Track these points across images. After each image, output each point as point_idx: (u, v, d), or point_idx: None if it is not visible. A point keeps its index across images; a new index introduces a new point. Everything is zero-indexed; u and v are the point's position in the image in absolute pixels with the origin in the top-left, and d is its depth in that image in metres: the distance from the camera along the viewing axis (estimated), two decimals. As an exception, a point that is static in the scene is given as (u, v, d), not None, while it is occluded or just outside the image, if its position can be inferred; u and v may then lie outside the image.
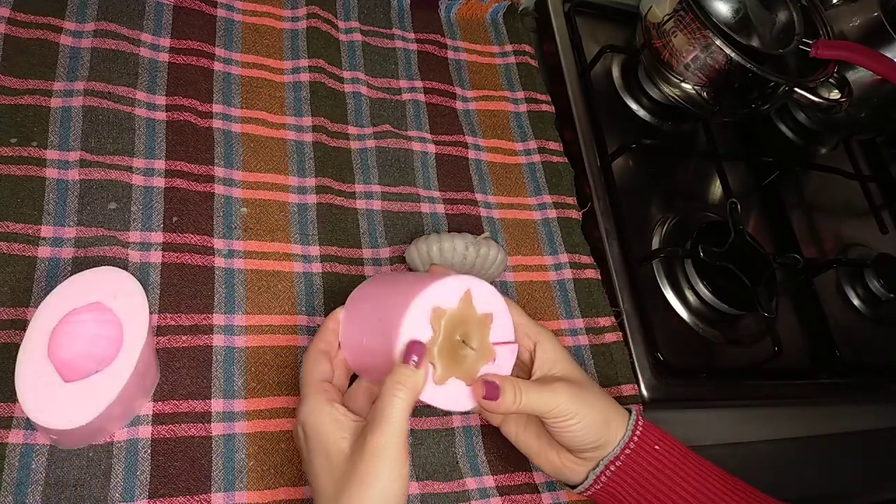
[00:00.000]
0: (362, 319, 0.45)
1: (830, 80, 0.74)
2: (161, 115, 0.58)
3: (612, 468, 0.46)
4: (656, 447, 0.46)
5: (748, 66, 0.67)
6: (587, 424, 0.45)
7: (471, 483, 0.52)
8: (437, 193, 0.64)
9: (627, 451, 0.46)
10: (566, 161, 0.71)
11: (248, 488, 0.47)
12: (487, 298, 0.45)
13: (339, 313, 0.46)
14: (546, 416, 0.45)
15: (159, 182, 0.55)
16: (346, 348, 0.46)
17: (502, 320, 0.45)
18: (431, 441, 0.53)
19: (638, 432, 0.46)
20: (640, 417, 0.48)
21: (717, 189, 0.80)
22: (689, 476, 0.46)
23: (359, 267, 0.58)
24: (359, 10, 0.72)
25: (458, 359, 0.43)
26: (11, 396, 0.44)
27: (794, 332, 0.74)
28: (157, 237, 0.53)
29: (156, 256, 0.52)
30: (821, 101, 0.71)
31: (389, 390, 0.39)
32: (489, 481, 0.52)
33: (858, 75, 0.78)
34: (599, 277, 0.65)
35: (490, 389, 0.43)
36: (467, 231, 0.61)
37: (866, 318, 0.78)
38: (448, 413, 0.54)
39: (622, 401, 0.59)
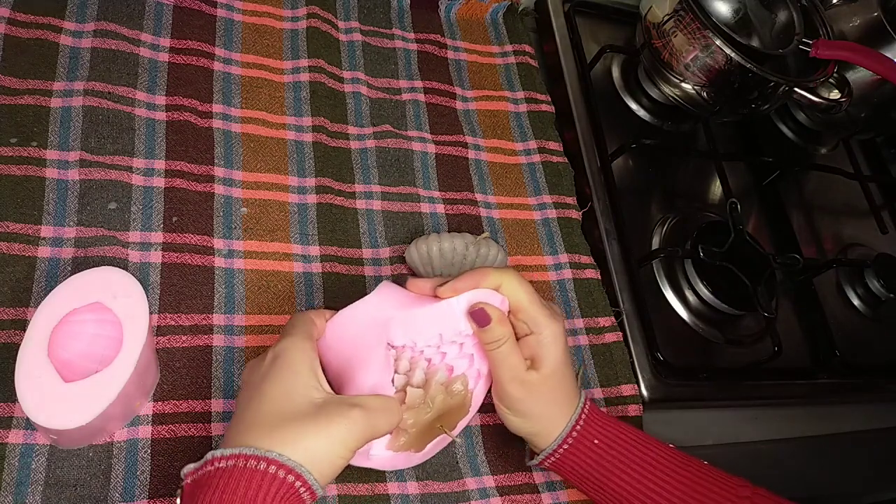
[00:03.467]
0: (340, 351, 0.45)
1: (830, 80, 0.74)
2: (161, 115, 0.58)
3: (551, 460, 0.48)
4: (595, 441, 0.47)
5: (748, 66, 0.67)
6: (518, 426, 0.48)
7: (471, 483, 0.52)
8: (437, 193, 0.64)
9: (564, 448, 0.47)
10: (566, 161, 0.71)
11: (248, 488, 0.47)
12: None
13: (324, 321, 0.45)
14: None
15: (159, 182, 0.55)
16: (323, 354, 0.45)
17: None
18: (431, 441, 0.53)
19: (574, 433, 0.47)
20: (584, 412, 0.48)
21: (717, 189, 0.80)
22: (630, 465, 0.47)
23: (359, 267, 0.58)
24: (359, 10, 0.72)
25: (427, 434, 0.46)
26: (11, 396, 0.44)
27: (794, 332, 0.74)
28: (157, 237, 0.53)
29: (156, 256, 0.52)
30: (821, 101, 0.71)
31: (377, 399, 0.41)
32: (489, 481, 0.52)
33: (858, 75, 0.78)
34: (599, 277, 0.65)
35: None
36: (467, 231, 0.61)
37: (866, 318, 0.78)
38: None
39: (622, 400, 0.59)
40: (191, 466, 0.36)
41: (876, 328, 0.78)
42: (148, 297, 0.48)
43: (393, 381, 0.44)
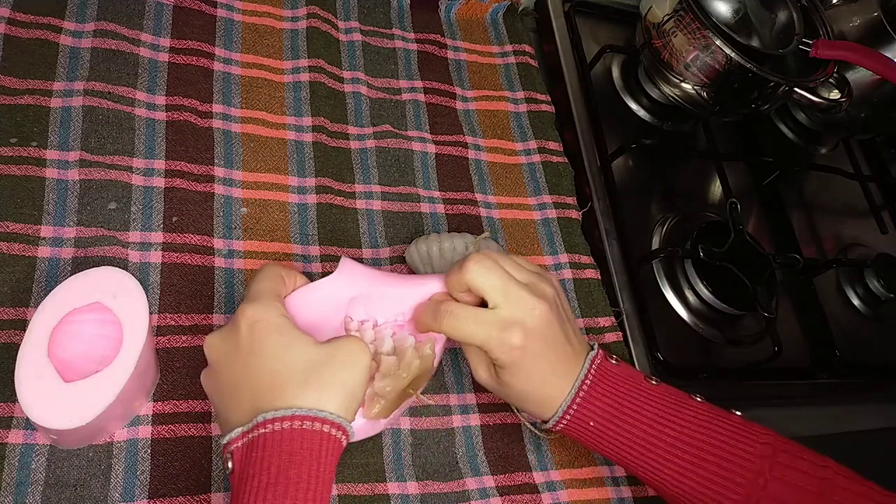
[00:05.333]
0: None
1: (830, 80, 0.74)
2: (161, 115, 0.58)
3: (561, 424, 0.46)
4: (591, 423, 0.45)
5: (748, 66, 0.67)
6: (513, 402, 0.48)
7: (471, 483, 0.52)
8: (437, 193, 0.64)
9: (562, 424, 0.46)
10: (566, 161, 0.71)
11: (248, 488, 0.47)
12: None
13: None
14: None
15: (159, 182, 0.55)
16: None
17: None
18: (431, 441, 0.53)
19: (571, 411, 0.45)
20: (591, 373, 0.46)
21: (717, 189, 0.80)
22: (642, 420, 0.45)
23: (359, 267, 0.58)
24: (359, 10, 0.71)
25: (398, 400, 0.46)
26: (11, 396, 0.44)
27: (794, 332, 0.74)
28: (157, 237, 0.53)
29: (156, 256, 0.52)
30: (821, 101, 0.71)
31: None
32: (489, 481, 0.52)
33: (858, 75, 0.78)
34: (599, 277, 0.65)
35: None
36: (467, 231, 0.61)
37: (866, 318, 0.78)
38: (448, 413, 0.54)
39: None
40: (236, 432, 0.38)
41: (876, 328, 0.78)
42: (148, 297, 0.48)
43: None
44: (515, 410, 0.54)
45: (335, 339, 0.41)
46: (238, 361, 0.39)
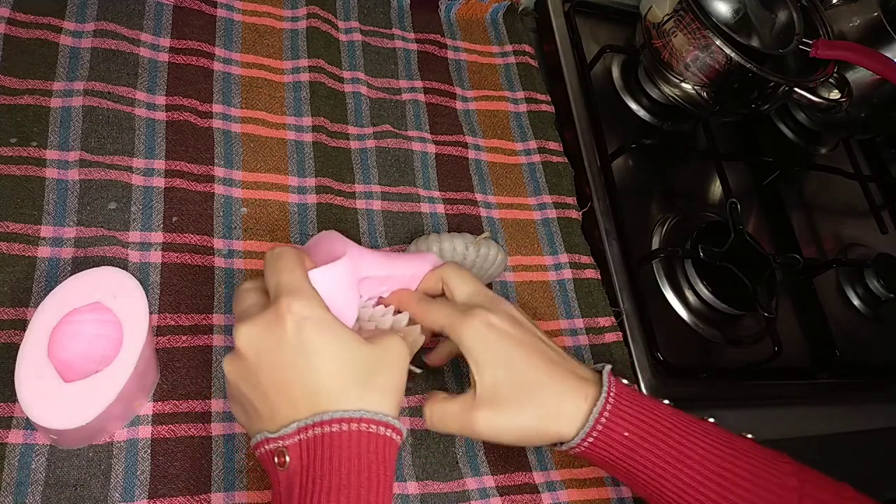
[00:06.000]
0: None
1: (830, 80, 0.74)
2: (161, 115, 0.58)
3: (577, 450, 0.45)
4: (626, 434, 0.43)
5: (748, 66, 0.67)
6: (518, 439, 0.45)
7: (471, 483, 0.52)
8: (437, 193, 0.64)
9: (589, 441, 0.44)
10: (566, 161, 0.71)
11: (248, 488, 0.47)
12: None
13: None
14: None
15: (159, 182, 0.55)
16: None
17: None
18: (431, 441, 0.53)
19: (599, 425, 0.43)
20: (609, 400, 0.44)
21: (717, 189, 0.80)
22: (666, 458, 0.43)
23: (359, 267, 0.58)
24: (359, 10, 0.71)
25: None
26: (11, 396, 0.44)
27: (794, 332, 0.74)
28: (157, 237, 0.53)
29: (156, 256, 0.52)
30: (821, 101, 0.71)
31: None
32: (489, 481, 0.52)
33: (858, 75, 0.78)
34: (599, 277, 0.65)
35: None
36: (467, 231, 0.61)
37: (866, 318, 0.78)
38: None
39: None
40: (291, 428, 0.37)
41: (876, 328, 0.78)
42: (148, 297, 0.48)
43: (361, 328, 0.47)
44: None
45: (379, 338, 0.41)
46: (284, 359, 0.38)
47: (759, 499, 0.42)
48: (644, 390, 0.61)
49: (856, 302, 0.79)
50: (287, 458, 0.37)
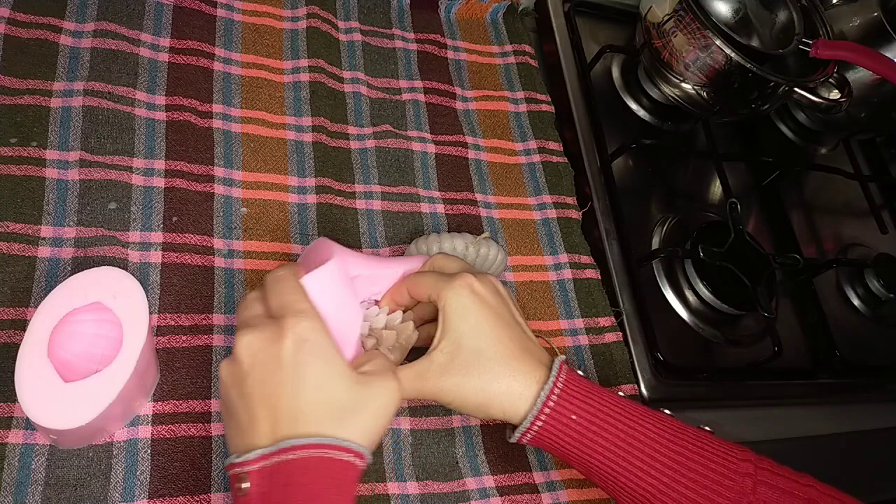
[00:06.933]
0: None
1: (830, 80, 0.74)
2: (161, 115, 0.58)
3: (528, 437, 0.45)
4: (573, 417, 0.43)
5: (748, 66, 0.67)
6: (461, 407, 0.45)
7: (471, 483, 0.52)
8: (437, 193, 0.64)
9: (538, 425, 0.44)
10: (566, 161, 0.71)
11: (248, 488, 0.47)
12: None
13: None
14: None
15: (159, 182, 0.55)
16: None
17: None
18: (431, 441, 0.53)
19: (547, 409, 0.44)
20: (557, 384, 0.44)
21: (717, 189, 0.80)
22: (616, 441, 0.43)
23: (359, 267, 0.58)
24: (359, 10, 0.72)
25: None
26: (11, 396, 0.44)
27: (794, 332, 0.74)
28: (157, 237, 0.53)
29: (155, 256, 0.52)
30: (821, 101, 0.71)
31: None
32: (489, 481, 0.52)
33: (858, 75, 0.78)
34: (599, 277, 0.65)
35: None
36: (467, 231, 0.61)
37: (866, 318, 0.78)
38: (448, 413, 0.54)
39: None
40: (256, 454, 0.37)
41: (876, 328, 0.78)
42: (148, 297, 0.48)
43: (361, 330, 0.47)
44: None
45: (375, 378, 0.41)
46: (276, 375, 0.38)
47: (712, 483, 0.42)
48: (644, 390, 0.61)
49: (856, 302, 0.79)
50: (246, 485, 0.37)
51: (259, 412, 0.38)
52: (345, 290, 0.45)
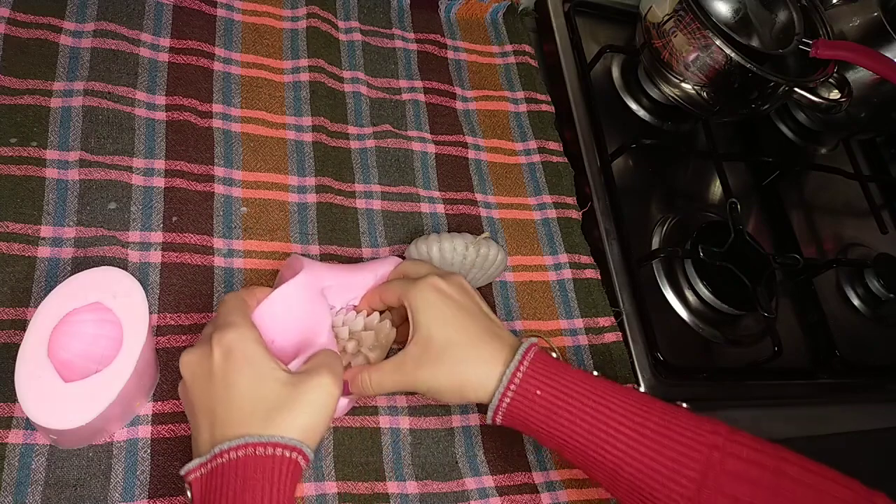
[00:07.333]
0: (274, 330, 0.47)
1: (830, 80, 0.74)
2: (161, 115, 0.58)
3: (499, 415, 0.46)
4: (538, 392, 0.45)
5: (748, 66, 0.67)
6: (438, 394, 0.46)
7: (470, 483, 0.52)
8: (436, 193, 0.64)
9: (507, 402, 0.45)
10: (566, 161, 0.71)
11: (248, 488, 0.47)
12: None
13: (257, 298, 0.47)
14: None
15: (159, 182, 0.55)
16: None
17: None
18: (430, 441, 0.53)
19: (513, 385, 0.45)
20: (523, 364, 0.45)
21: (717, 189, 0.80)
22: (581, 415, 0.44)
23: (359, 267, 0.58)
24: (359, 9, 0.72)
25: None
26: (11, 396, 0.44)
27: (794, 332, 0.74)
28: (157, 237, 0.53)
29: (155, 256, 0.52)
30: (821, 101, 0.71)
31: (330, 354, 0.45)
32: (488, 481, 0.52)
33: (858, 75, 0.78)
34: (599, 277, 0.65)
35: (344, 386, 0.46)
36: (467, 231, 0.61)
37: (866, 318, 0.78)
38: (447, 412, 0.54)
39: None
40: (194, 463, 0.39)
41: (876, 328, 0.78)
42: (148, 296, 0.48)
43: (336, 334, 0.50)
44: None
45: (306, 372, 0.42)
46: (209, 387, 0.40)
47: (676, 454, 0.43)
48: (644, 390, 0.61)
49: (856, 302, 0.79)
50: (190, 494, 0.39)
51: (201, 422, 0.40)
52: (313, 301, 0.48)
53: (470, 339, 0.46)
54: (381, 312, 0.52)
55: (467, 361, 0.46)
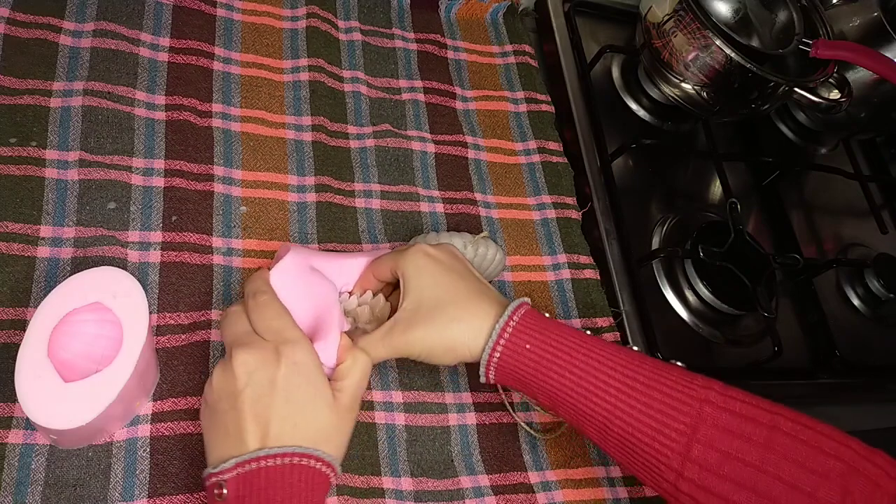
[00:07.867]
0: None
1: (830, 80, 0.74)
2: (160, 115, 0.58)
3: (491, 371, 0.47)
4: (527, 346, 0.45)
5: (748, 66, 0.67)
6: (430, 355, 0.47)
7: (465, 482, 0.52)
8: (436, 193, 0.64)
9: (496, 357, 0.46)
10: (566, 161, 0.71)
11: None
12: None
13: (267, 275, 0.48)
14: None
15: (158, 181, 0.55)
16: None
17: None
18: (426, 438, 0.53)
19: (503, 339, 0.45)
20: (512, 320, 0.46)
21: (717, 189, 0.80)
22: (569, 367, 0.45)
23: (358, 267, 0.58)
24: (359, 9, 0.72)
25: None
26: (11, 396, 0.44)
27: (794, 332, 0.74)
28: (157, 236, 0.53)
29: (155, 256, 0.52)
30: (821, 101, 0.71)
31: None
32: (484, 480, 0.52)
33: (858, 75, 0.78)
34: (598, 278, 0.65)
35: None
36: (466, 230, 0.61)
37: (866, 318, 0.78)
38: (443, 411, 0.54)
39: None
40: (230, 463, 0.40)
41: (876, 328, 0.78)
42: (147, 296, 0.48)
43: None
44: (511, 411, 0.55)
45: (346, 405, 0.44)
46: (268, 396, 0.41)
47: (666, 407, 0.43)
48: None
49: (856, 302, 0.79)
50: (225, 491, 0.40)
51: (248, 426, 0.41)
52: (305, 276, 0.49)
53: (460, 299, 0.47)
54: (375, 294, 0.53)
55: (458, 320, 0.46)
